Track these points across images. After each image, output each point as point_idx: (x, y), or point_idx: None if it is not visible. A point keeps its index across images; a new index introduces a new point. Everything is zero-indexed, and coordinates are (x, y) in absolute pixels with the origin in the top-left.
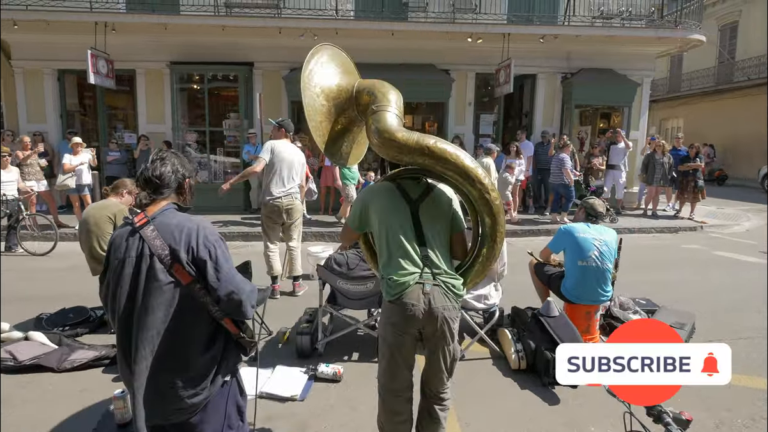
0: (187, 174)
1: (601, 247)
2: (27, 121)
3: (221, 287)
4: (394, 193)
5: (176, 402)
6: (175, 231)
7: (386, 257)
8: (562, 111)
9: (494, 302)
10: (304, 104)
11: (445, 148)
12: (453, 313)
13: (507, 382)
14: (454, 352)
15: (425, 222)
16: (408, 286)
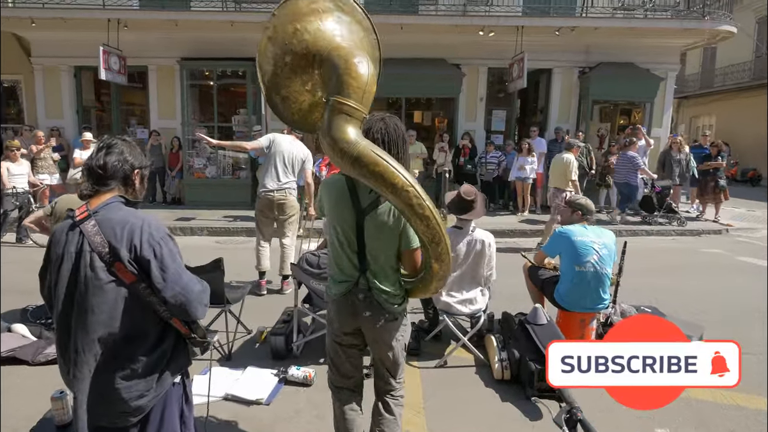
0: (136, 165)
1: (600, 250)
2: (45, 116)
3: (167, 288)
4: (345, 197)
5: (120, 404)
6: (117, 227)
7: (330, 255)
8: (579, 107)
9: (480, 307)
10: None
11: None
12: (389, 325)
13: (487, 393)
14: (395, 356)
15: (369, 234)
16: (343, 292)
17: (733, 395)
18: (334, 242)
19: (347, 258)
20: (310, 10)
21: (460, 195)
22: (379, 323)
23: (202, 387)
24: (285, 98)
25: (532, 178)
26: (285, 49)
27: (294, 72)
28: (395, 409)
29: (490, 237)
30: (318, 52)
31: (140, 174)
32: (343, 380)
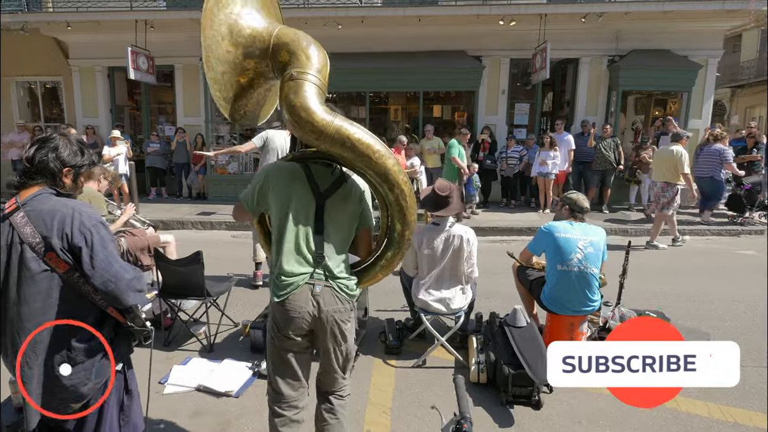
0: (69, 163)
1: (585, 249)
2: (82, 115)
3: (95, 275)
4: (302, 181)
5: (60, 391)
6: (47, 217)
7: (277, 251)
8: (608, 98)
9: (460, 306)
10: (202, 47)
11: (370, 143)
12: (345, 315)
13: (451, 399)
14: (347, 351)
15: (329, 219)
16: (297, 287)
17: (732, 411)
18: (287, 233)
19: (301, 247)
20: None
21: (435, 191)
22: (339, 315)
23: (180, 377)
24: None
25: (554, 173)
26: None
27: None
28: (340, 411)
29: (470, 233)
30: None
31: (73, 172)
32: (290, 396)
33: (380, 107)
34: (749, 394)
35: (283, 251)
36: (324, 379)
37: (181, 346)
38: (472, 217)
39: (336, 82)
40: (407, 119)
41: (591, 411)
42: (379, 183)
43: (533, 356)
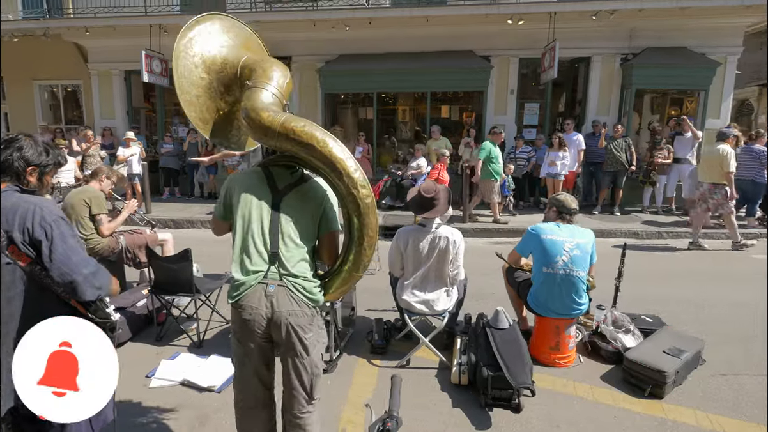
0: (33, 162)
1: (571, 251)
2: (100, 117)
3: (53, 268)
4: (261, 181)
5: None
6: (9, 213)
7: (235, 253)
8: (621, 97)
9: (444, 308)
10: (175, 75)
11: (313, 133)
12: (302, 319)
13: (440, 398)
14: (311, 367)
15: (285, 216)
16: (249, 286)
17: (721, 420)
18: (243, 233)
19: (257, 246)
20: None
21: (421, 193)
22: (295, 319)
23: (166, 372)
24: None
25: (564, 174)
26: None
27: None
28: (314, 418)
29: (457, 234)
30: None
31: (38, 171)
32: (246, 395)
33: (389, 108)
34: (743, 402)
35: (239, 252)
36: (285, 399)
37: (172, 342)
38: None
39: (344, 84)
40: (416, 120)
41: (570, 415)
42: (327, 173)
43: (512, 359)
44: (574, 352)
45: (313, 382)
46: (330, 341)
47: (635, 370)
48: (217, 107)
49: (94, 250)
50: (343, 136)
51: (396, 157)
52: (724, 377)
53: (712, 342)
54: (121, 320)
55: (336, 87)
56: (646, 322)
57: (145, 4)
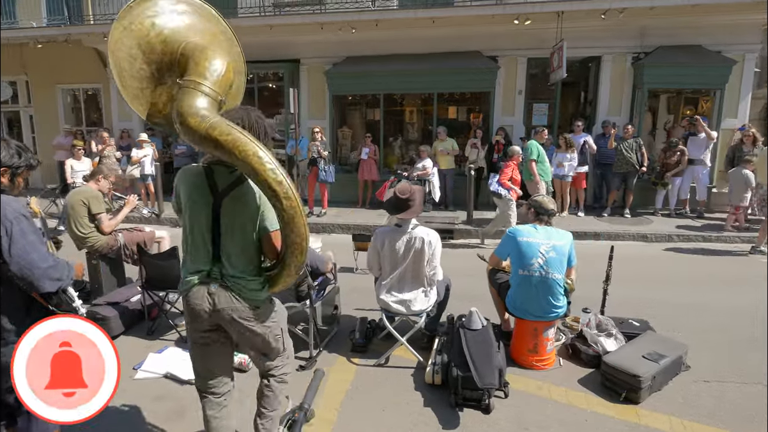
0: (6, 164)
1: (547, 253)
2: (118, 119)
3: (12, 262)
4: (202, 181)
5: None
6: None
7: (183, 249)
8: (632, 97)
9: (421, 308)
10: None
11: (235, 142)
12: (245, 313)
13: (413, 397)
14: (266, 342)
15: (225, 217)
16: (193, 284)
17: (695, 427)
18: (187, 231)
19: (200, 245)
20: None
21: (396, 194)
22: (238, 314)
23: (152, 364)
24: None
25: (571, 175)
26: (142, 42)
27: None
28: (276, 386)
29: (433, 235)
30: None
31: (10, 172)
32: (206, 383)
33: (396, 109)
34: (722, 410)
35: (187, 250)
36: (254, 362)
37: (163, 336)
38: None
39: (351, 85)
40: (423, 121)
41: (540, 418)
42: (255, 182)
43: (481, 360)
44: (553, 355)
45: (269, 352)
46: (309, 339)
47: (612, 374)
48: (169, 94)
49: (93, 247)
50: (352, 137)
51: (402, 158)
52: (707, 384)
53: (696, 348)
54: (114, 314)
55: (343, 89)
56: (633, 327)
57: None
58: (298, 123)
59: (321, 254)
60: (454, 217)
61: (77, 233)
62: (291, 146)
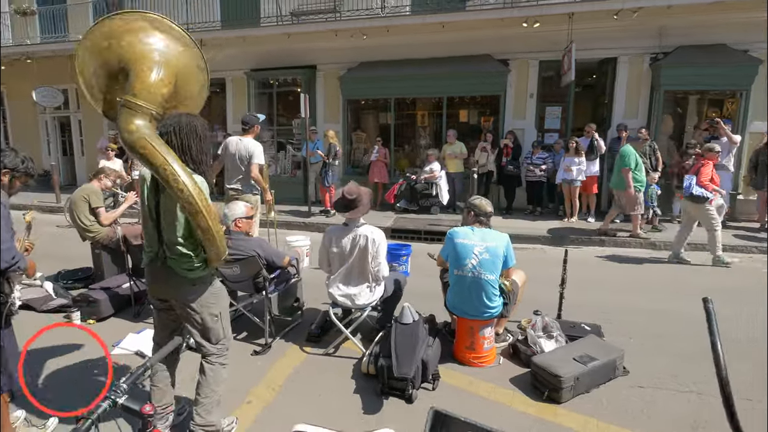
0: (8, 167)
1: (480, 255)
2: None
3: None
4: (152, 182)
5: None
6: None
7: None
8: (650, 100)
9: (366, 302)
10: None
11: (154, 154)
12: (183, 287)
13: (346, 384)
14: (203, 321)
15: (164, 210)
16: (148, 262)
17: (612, 430)
18: (144, 220)
19: (150, 232)
20: (126, 29)
21: (343, 194)
22: (177, 288)
23: (129, 343)
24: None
25: (580, 180)
26: (100, 60)
27: (109, 78)
28: (209, 372)
29: (377, 233)
30: (125, 62)
31: (10, 174)
32: (158, 338)
33: (407, 113)
34: (645, 415)
35: (143, 233)
36: (197, 345)
37: (147, 320)
38: None
39: (363, 90)
40: (435, 124)
41: (458, 409)
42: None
43: (403, 351)
44: (492, 353)
45: (207, 332)
46: (265, 327)
47: (538, 373)
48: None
49: (95, 238)
50: (365, 140)
51: (413, 162)
52: (641, 389)
53: (644, 354)
54: (104, 298)
55: (355, 93)
56: (582, 330)
57: (187, 21)
58: (308, 127)
59: (279, 249)
60: (458, 220)
61: (81, 225)
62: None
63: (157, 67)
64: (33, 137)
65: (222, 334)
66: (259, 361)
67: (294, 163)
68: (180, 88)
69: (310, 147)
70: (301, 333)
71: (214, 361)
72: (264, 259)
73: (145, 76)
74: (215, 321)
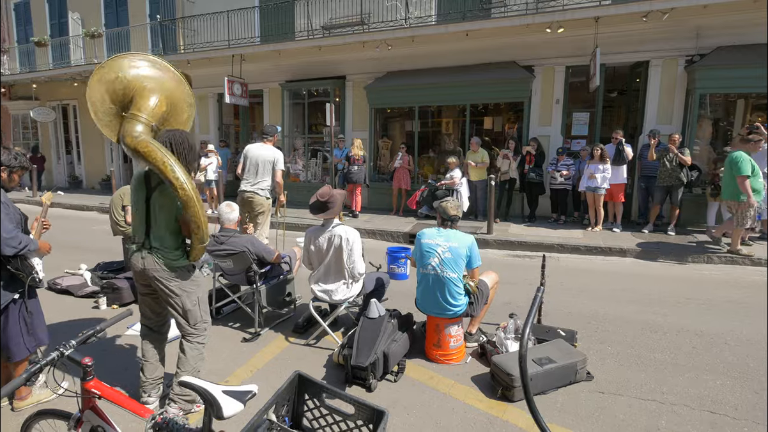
0: (4, 164)
1: (443, 254)
2: (198, 132)
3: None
4: (141, 180)
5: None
6: None
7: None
8: (686, 104)
9: (342, 297)
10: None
11: (153, 154)
12: (164, 274)
13: (318, 372)
14: (183, 304)
15: (153, 206)
16: (134, 252)
17: (553, 429)
18: (133, 214)
19: (138, 224)
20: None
21: (317, 197)
22: (158, 274)
23: None
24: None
25: (605, 188)
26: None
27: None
28: (189, 351)
29: (351, 233)
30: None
31: (7, 170)
32: (144, 320)
33: (432, 120)
34: (592, 418)
35: (133, 227)
36: (177, 325)
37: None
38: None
39: (388, 99)
40: (459, 132)
41: (413, 402)
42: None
43: (364, 343)
44: (461, 352)
45: (186, 314)
46: (255, 317)
47: (495, 372)
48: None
49: (125, 233)
50: (390, 147)
51: (438, 169)
52: (600, 395)
53: (626, 363)
54: (126, 286)
55: (381, 102)
56: (556, 335)
57: (229, 37)
58: (333, 135)
59: (270, 246)
60: (478, 227)
61: (113, 220)
62: (335, 155)
63: (155, 95)
64: (98, 146)
65: (200, 317)
66: (246, 347)
67: (324, 170)
68: (170, 116)
69: (337, 154)
70: (289, 325)
71: (192, 340)
72: (254, 254)
73: (146, 100)
74: (194, 305)
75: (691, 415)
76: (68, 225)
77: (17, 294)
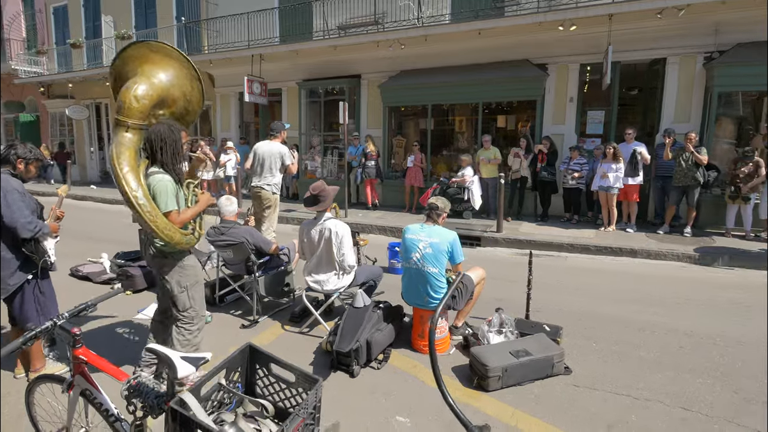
0: (20, 156)
1: (424, 249)
2: (220, 130)
3: (5, 217)
4: None
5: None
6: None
7: None
8: (705, 103)
9: (333, 288)
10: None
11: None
12: (158, 260)
13: (307, 358)
14: (171, 289)
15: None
16: (145, 238)
17: (524, 418)
18: None
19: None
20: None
21: (310, 190)
22: (155, 260)
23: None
24: None
25: (617, 187)
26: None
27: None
28: (176, 336)
29: (340, 226)
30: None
31: (24, 162)
32: (159, 303)
33: (444, 119)
34: (563, 409)
35: None
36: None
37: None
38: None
39: (401, 97)
40: (473, 130)
41: (392, 388)
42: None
43: (347, 331)
44: (445, 343)
45: (175, 299)
46: (253, 305)
47: (473, 362)
48: None
49: None
50: (404, 145)
51: (450, 166)
52: (575, 388)
53: (608, 360)
54: (139, 273)
55: (394, 100)
56: (541, 329)
57: (249, 38)
58: (346, 133)
59: (269, 238)
60: (488, 225)
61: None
62: (349, 153)
63: (145, 85)
64: None
65: (188, 304)
66: (243, 333)
67: (339, 167)
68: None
69: (351, 151)
70: (287, 314)
71: (180, 326)
72: (252, 245)
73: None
74: (181, 291)
75: (663, 411)
76: (98, 217)
77: (30, 275)
